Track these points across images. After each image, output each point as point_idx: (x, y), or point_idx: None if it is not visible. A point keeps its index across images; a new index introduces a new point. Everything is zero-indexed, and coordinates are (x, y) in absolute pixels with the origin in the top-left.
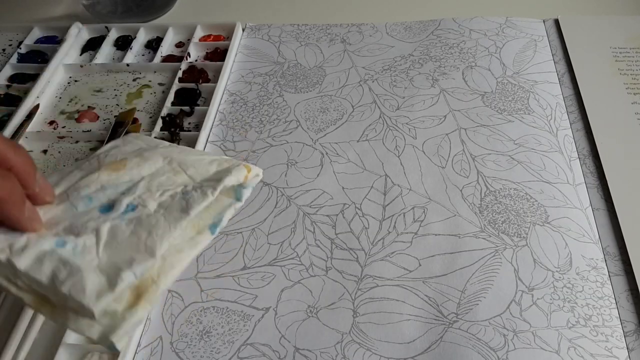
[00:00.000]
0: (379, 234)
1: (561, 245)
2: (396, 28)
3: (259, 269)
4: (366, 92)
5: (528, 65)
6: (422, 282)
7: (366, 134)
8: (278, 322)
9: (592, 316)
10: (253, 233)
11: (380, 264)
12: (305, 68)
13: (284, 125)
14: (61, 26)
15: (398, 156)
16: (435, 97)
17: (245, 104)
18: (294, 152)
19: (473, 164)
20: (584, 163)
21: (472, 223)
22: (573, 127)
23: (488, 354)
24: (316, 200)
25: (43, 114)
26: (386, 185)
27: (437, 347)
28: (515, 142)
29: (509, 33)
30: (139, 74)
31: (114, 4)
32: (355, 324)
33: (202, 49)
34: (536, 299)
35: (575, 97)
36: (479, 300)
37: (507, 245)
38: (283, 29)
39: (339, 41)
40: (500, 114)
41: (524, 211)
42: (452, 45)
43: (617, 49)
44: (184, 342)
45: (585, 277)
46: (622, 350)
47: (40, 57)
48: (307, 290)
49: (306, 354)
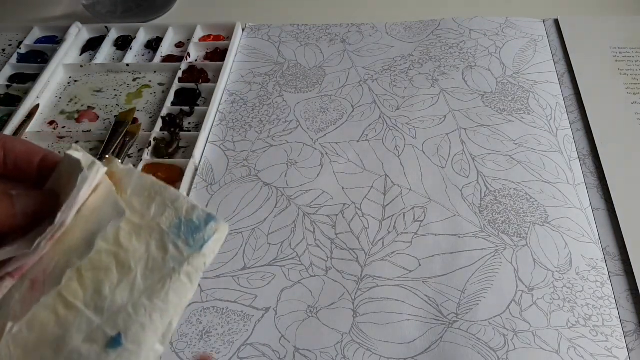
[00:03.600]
0: (379, 234)
1: (561, 245)
2: (396, 28)
3: (259, 269)
4: (366, 92)
5: (528, 65)
6: (422, 282)
7: (366, 134)
8: (278, 322)
9: (592, 316)
10: (253, 233)
11: (380, 264)
12: (305, 68)
13: (284, 125)
14: (61, 26)
15: (398, 156)
16: (435, 97)
17: (245, 104)
18: (294, 152)
19: (473, 164)
20: (584, 163)
21: (472, 223)
22: (573, 127)
23: (488, 354)
24: (316, 200)
25: (43, 114)
26: (386, 185)
27: (437, 347)
28: (515, 142)
29: (509, 33)
30: (139, 74)
31: (114, 4)
32: (355, 324)
33: (202, 49)
34: (536, 299)
35: (575, 97)
36: (479, 300)
37: (507, 245)
38: (283, 29)
39: (339, 41)
40: (500, 114)
41: (523, 211)
42: (452, 45)
43: (617, 49)
44: (184, 342)
45: (585, 277)
46: (622, 350)
47: (40, 57)
48: (307, 290)
49: (306, 354)
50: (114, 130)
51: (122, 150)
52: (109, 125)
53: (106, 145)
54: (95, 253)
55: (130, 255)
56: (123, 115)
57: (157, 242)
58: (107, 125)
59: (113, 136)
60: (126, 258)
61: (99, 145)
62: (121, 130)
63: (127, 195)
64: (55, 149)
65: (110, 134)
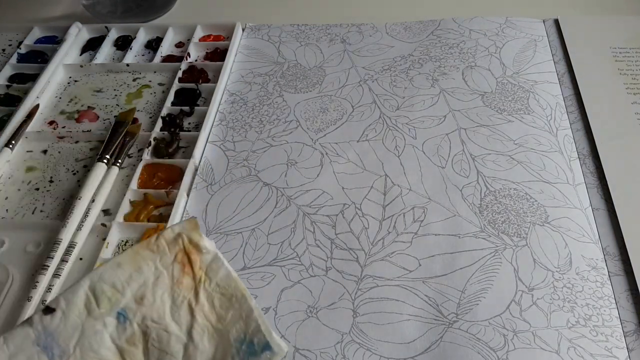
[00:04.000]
0: (379, 234)
1: (561, 245)
2: (396, 28)
3: (259, 269)
4: (366, 92)
5: (528, 65)
6: (422, 282)
7: (366, 134)
8: (278, 322)
9: (592, 316)
10: (253, 233)
11: (380, 264)
12: (305, 68)
13: (283, 125)
14: (61, 26)
15: (398, 156)
16: (435, 97)
17: (245, 104)
18: (293, 152)
19: (473, 164)
20: (583, 163)
21: (472, 223)
22: (573, 127)
23: (488, 354)
24: (316, 200)
25: (43, 114)
26: (386, 185)
27: (437, 347)
28: (515, 142)
29: (509, 33)
30: (139, 74)
31: (114, 4)
32: (355, 324)
33: (202, 49)
34: (536, 299)
35: (575, 97)
36: (479, 300)
37: (507, 245)
38: (283, 29)
39: (338, 41)
40: (500, 114)
41: (523, 211)
42: (452, 45)
43: (617, 49)
44: None
45: (585, 277)
46: (622, 350)
47: (40, 57)
48: (307, 290)
49: (306, 354)
50: (114, 130)
51: (122, 150)
52: (109, 125)
53: (106, 145)
54: (166, 333)
55: (198, 353)
56: (123, 115)
57: (222, 351)
58: (107, 125)
59: (113, 136)
60: (194, 354)
61: (99, 145)
62: (121, 130)
63: (210, 288)
64: (55, 149)
65: (110, 134)
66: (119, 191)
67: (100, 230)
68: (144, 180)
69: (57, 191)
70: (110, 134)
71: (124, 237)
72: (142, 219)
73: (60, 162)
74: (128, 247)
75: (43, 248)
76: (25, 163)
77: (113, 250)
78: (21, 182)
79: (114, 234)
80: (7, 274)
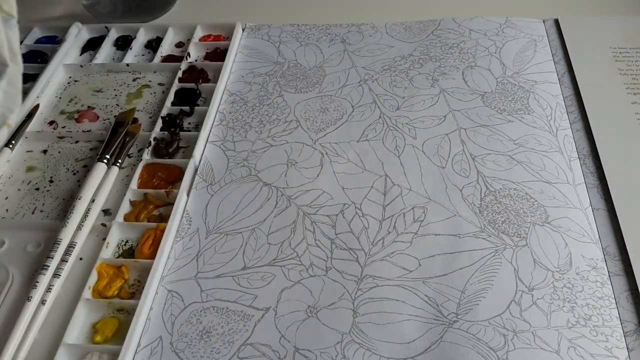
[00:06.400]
0: (379, 234)
1: (561, 245)
2: (396, 28)
3: (259, 269)
4: (366, 92)
5: (528, 65)
6: (422, 282)
7: (366, 134)
8: (278, 322)
9: (592, 316)
10: (253, 233)
11: (380, 264)
12: (305, 68)
13: (283, 125)
14: (61, 26)
15: (398, 156)
16: (435, 97)
17: (245, 104)
18: (293, 152)
19: (473, 164)
20: (584, 163)
21: (472, 223)
22: (573, 127)
23: (488, 354)
24: (316, 200)
25: (43, 114)
26: (386, 185)
27: (437, 347)
28: (515, 142)
29: (509, 33)
30: (139, 74)
31: (114, 4)
32: (355, 324)
33: (202, 49)
34: (536, 299)
35: (575, 97)
36: (479, 300)
37: (507, 245)
38: (283, 29)
39: (338, 41)
40: (500, 114)
41: (523, 211)
42: (452, 45)
43: (617, 49)
44: (184, 342)
45: (585, 277)
46: (622, 350)
47: (40, 57)
48: (307, 290)
49: (306, 354)
50: (114, 130)
51: (122, 150)
52: (109, 125)
53: (106, 145)
54: None
55: None
56: (123, 115)
57: None
58: (107, 125)
59: (113, 136)
60: None
61: (99, 145)
62: (121, 130)
63: None
64: (55, 149)
65: (110, 134)
66: (119, 191)
67: (100, 230)
68: (144, 180)
69: (57, 191)
70: (110, 134)
71: (124, 237)
72: (142, 219)
73: (60, 162)
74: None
75: (43, 248)
76: (25, 163)
77: (113, 250)
78: (21, 182)
79: (114, 233)
80: (7, 274)
